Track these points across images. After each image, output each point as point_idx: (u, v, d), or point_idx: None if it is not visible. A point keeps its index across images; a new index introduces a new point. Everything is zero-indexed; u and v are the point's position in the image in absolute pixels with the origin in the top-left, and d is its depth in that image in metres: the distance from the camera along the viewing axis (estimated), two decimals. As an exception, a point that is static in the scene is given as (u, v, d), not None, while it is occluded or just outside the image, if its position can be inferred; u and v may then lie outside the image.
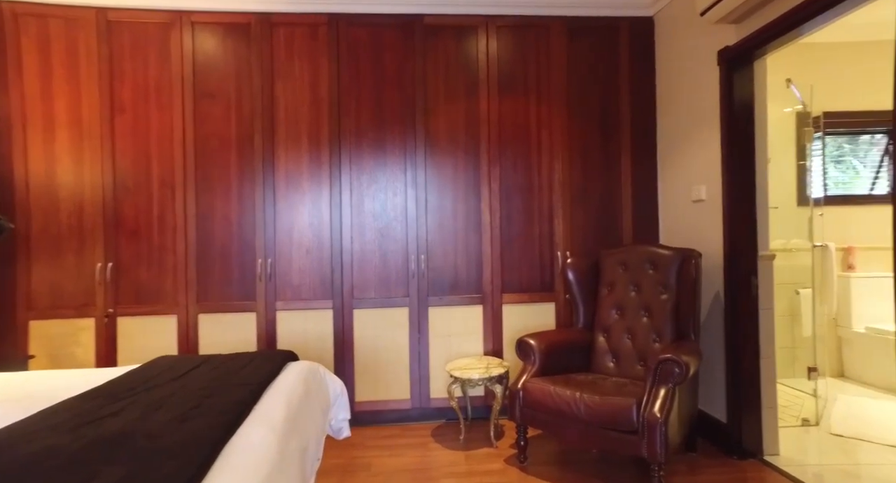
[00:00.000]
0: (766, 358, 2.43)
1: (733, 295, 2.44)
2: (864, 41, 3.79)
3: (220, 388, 1.47)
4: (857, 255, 3.82)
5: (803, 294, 3.48)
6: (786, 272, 3.35)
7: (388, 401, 2.96)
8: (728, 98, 2.45)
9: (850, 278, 3.70)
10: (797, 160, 3.88)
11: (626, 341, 2.57)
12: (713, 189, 2.59)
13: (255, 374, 1.65)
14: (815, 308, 3.23)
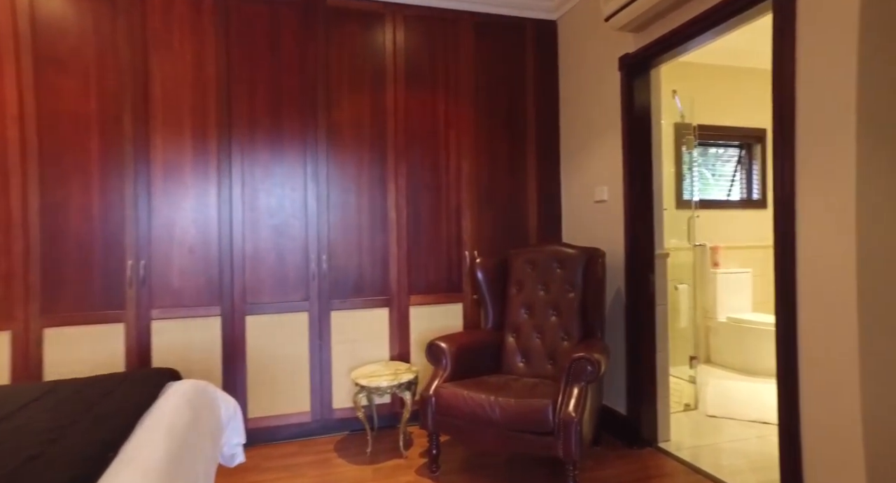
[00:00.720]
0: (661, 351, 2.58)
1: (633, 292, 2.56)
2: (725, 65, 4.25)
3: (71, 427, 1.16)
4: (721, 254, 4.27)
5: (681, 289, 3.81)
6: (668, 269, 3.64)
7: (286, 415, 2.69)
8: (628, 103, 2.56)
9: (716, 274, 4.13)
10: (675, 167, 4.25)
11: (536, 340, 2.59)
12: (615, 190, 2.70)
13: (124, 403, 1.34)
14: (697, 301, 3.53)
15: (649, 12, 2.26)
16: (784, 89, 1.75)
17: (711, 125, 4.24)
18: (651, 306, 2.56)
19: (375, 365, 2.72)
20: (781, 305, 1.78)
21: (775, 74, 1.79)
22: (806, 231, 1.71)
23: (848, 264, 1.58)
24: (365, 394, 2.50)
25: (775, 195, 1.79)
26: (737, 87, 4.34)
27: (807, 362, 1.72)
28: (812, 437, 1.71)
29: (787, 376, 1.77)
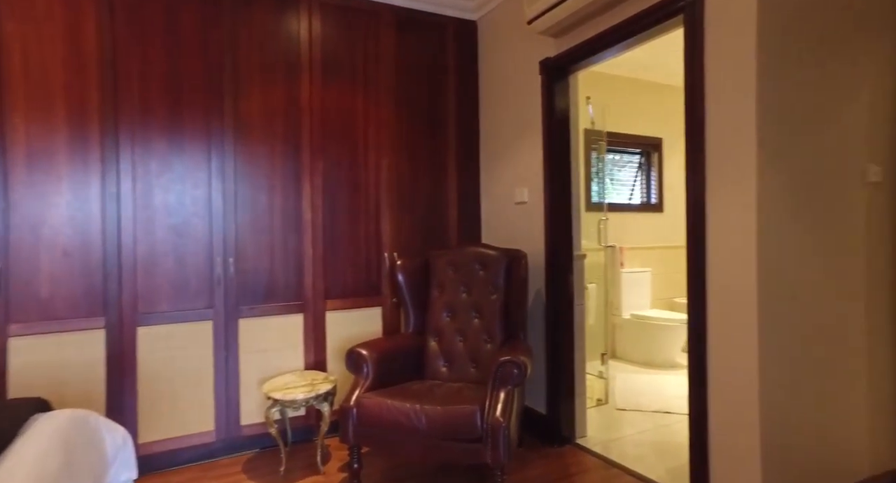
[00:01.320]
0: (578, 349, 2.66)
1: (553, 293, 2.60)
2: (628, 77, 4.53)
3: None
4: (624, 255, 4.54)
5: (591, 288, 3.99)
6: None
7: (186, 436, 2.41)
8: (549, 106, 2.60)
9: (621, 274, 4.39)
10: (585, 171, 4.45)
11: (459, 344, 2.54)
12: (535, 192, 2.73)
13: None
14: (607, 300, 3.71)
15: (571, 18, 2.31)
16: (695, 103, 1.85)
17: (615, 132, 4.49)
18: (570, 306, 2.62)
19: (290, 375, 2.52)
20: (693, 303, 1.88)
21: (687, 89, 1.88)
22: (714, 233, 1.82)
23: (749, 264, 1.70)
24: (279, 408, 2.30)
25: (688, 200, 1.89)
26: (638, 98, 4.64)
27: (714, 355, 1.83)
28: (718, 425, 1.83)
29: (696, 369, 1.87)
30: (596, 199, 4.35)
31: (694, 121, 1.86)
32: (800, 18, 1.78)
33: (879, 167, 2.02)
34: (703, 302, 1.85)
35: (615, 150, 4.68)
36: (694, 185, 1.86)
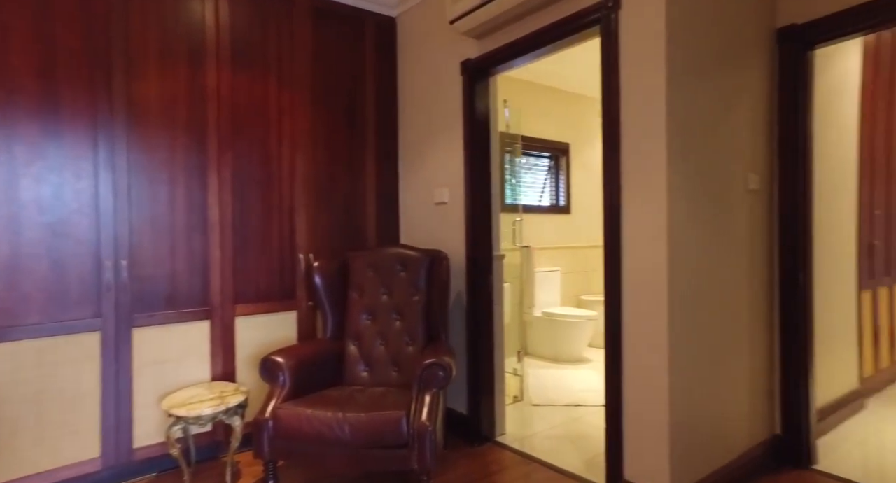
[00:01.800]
0: (497, 348, 2.70)
1: (474, 293, 2.62)
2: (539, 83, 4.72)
3: None
4: (536, 255, 4.72)
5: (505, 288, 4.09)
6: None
7: (63, 468, 2.10)
8: (470, 107, 2.62)
9: (535, 273, 4.55)
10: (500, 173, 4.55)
11: (380, 347, 2.47)
12: (455, 192, 2.73)
13: None
14: (523, 299, 3.81)
15: (493, 21, 2.34)
16: (611, 109, 1.95)
17: (527, 136, 4.65)
18: (490, 306, 2.65)
19: (195, 389, 2.30)
20: (610, 298, 1.97)
21: (604, 96, 1.98)
22: (629, 232, 1.92)
23: (661, 261, 1.82)
24: (182, 425, 2.09)
25: (605, 201, 1.99)
26: (548, 105, 4.85)
27: (629, 347, 1.93)
28: (631, 413, 1.93)
29: (613, 360, 1.97)
30: (509, 200, 4.48)
31: (611, 126, 1.95)
32: (697, 36, 1.94)
33: (757, 176, 2.26)
34: (618, 297, 1.94)
35: (526, 153, 4.85)
36: (611, 187, 1.96)
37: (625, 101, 1.92)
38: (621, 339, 1.95)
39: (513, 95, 4.52)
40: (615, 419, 1.97)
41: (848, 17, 2.08)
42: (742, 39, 2.15)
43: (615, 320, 1.96)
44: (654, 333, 1.84)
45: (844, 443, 2.58)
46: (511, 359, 4.16)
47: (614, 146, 1.94)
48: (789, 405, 2.32)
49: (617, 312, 1.95)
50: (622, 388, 1.96)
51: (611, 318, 1.97)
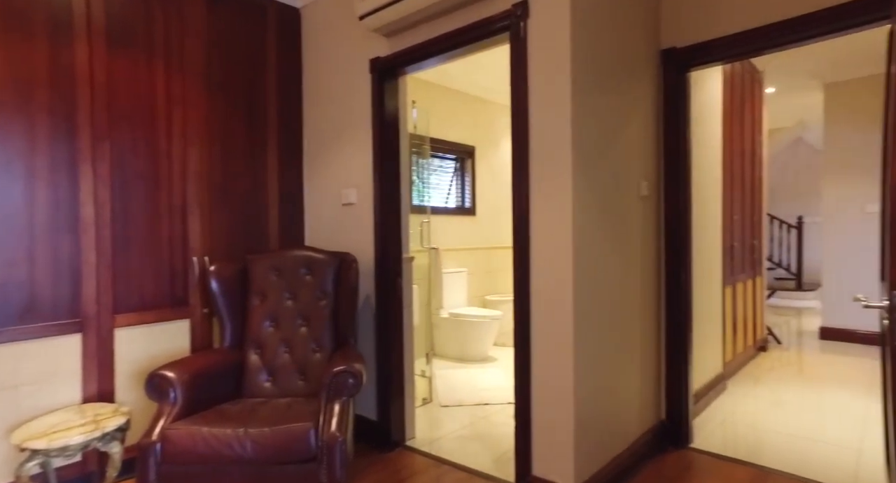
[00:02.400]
0: (407, 352, 2.67)
1: (383, 297, 2.57)
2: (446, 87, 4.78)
3: None
4: (442, 256, 4.77)
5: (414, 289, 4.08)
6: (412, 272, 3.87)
7: None
8: (379, 107, 2.56)
9: (440, 274, 4.59)
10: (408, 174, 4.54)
11: (285, 355, 2.33)
12: (364, 193, 2.66)
13: None
14: (431, 300, 3.82)
15: (403, 21, 2.31)
16: (521, 115, 2.01)
17: (434, 138, 4.69)
18: (400, 309, 2.62)
19: (62, 414, 1.99)
20: (519, 298, 2.03)
21: (514, 102, 2.03)
22: (537, 235, 1.99)
23: (567, 262, 1.90)
24: (39, 460, 1.80)
25: (514, 204, 2.04)
26: (454, 108, 4.92)
27: (538, 345, 2.00)
28: (540, 409, 2.01)
29: (522, 358, 2.03)
30: (417, 201, 4.48)
31: (520, 131, 2.01)
32: (597, 50, 2.07)
33: (648, 183, 2.47)
34: (527, 297, 2.01)
35: (434, 154, 4.88)
36: (520, 191, 2.02)
37: (533, 108, 1.99)
38: (530, 338, 2.02)
39: (421, 97, 4.53)
40: (524, 416, 2.03)
41: (715, 46, 2.34)
42: (635, 58, 2.33)
43: (524, 320, 2.02)
44: (560, 331, 1.93)
45: (711, 421, 2.90)
46: (420, 361, 4.16)
47: (523, 151, 2.00)
48: (672, 392, 2.56)
49: (526, 312, 2.01)
50: (531, 385, 2.02)
51: (520, 317, 2.03)
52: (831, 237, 4.95)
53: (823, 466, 2.33)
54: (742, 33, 2.26)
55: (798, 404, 3.20)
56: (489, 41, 2.17)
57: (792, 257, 7.46)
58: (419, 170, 4.56)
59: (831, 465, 2.34)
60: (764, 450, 2.52)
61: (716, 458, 2.41)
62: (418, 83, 4.50)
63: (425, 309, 4.29)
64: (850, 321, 4.85)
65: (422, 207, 4.45)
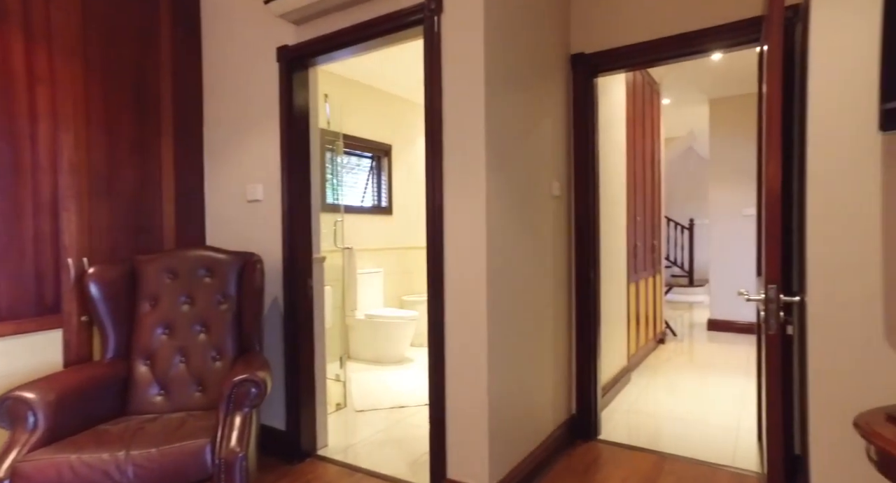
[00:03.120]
0: (319, 356, 2.54)
1: (292, 298, 2.42)
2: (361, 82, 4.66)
3: None
4: (358, 256, 4.64)
5: (327, 291, 3.93)
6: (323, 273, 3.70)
7: None
8: (288, 98, 2.41)
9: (355, 275, 4.45)
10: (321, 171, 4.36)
11: (180, 365, 2.12)
12: (271, 190, 2.49)
13: None
14: (345, 302, 3.68)
15: (311, 7, 2.19)
16: (434, 113, 1.97)
17: (349, 134, 4.55)
18: (310, 312, 2.48)
19: None
20: (433, 299, 1.99)
21: (427, 100, 1.99)
22: (451, 235, 1.96)
23: (480, 262, 1.89)
24: None
25: (428, 204, 2.00)
26: (370, 104, 4.81)
27: (452, 346, 1.97)
28: (454, 413, 1.98)
29: (436, 359, 1.99)
30: (331, 200, 4.31)
31: (434, 128, 1.97)
32: (510, 49, 2.09)
33: (559, 183, 2.54)
34: (441, 298, 1.97)
35: (348, 152, 4.74)
36: (434, 190, 1.98)
37: (447, 105, 1.96)
38: (444, 338, 1.98)
39: (336, 92, 4.37)
40: (438, 418, 1.99)
41: (620, 54, 2.46)
42: (547, 60, 2.39)
43: (439, 320, 1.98)
44: (475, 331, 1.91)
45: (617, 412, 3.06)
46: (333, 364, 4.01)
47: (437, 149, 1.97)
48: (582, 387, 2.65)
49: (440, 312, 1.98)
50: (445, 386, 1.99)
51: (434, 318, 1.99)
52: (716, 238, 5.45)
53: (710, 447, 2.53)
54: (644, 43, 2.39)
55: (690, 391, 3.47)
56: (402, 34, 2.12)
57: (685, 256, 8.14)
58: (333, 167, 4.40)
59: (716, 445, 2.55)
60: (663, 436, 2.69)
61: (621, 448, 2.53)
62: (333, 77, 4.34)
63: (339, 310, 4.15)
64: (732, 313, 5.37)
65: (335, 206, 4.29)
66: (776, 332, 1.46)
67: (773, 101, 1.46)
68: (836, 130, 1.37)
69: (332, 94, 4.29)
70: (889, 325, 1.31)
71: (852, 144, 1.35)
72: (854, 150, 1.35)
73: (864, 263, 1.33)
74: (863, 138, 1.33)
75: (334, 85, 4.37)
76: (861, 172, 1.34)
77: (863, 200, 1.33)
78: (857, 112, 1.34)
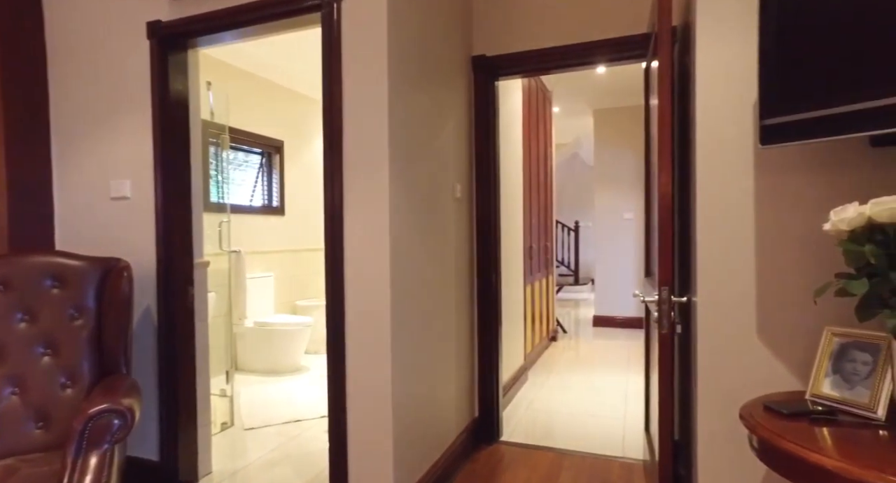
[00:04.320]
0: (201, 371, 2.26)
1: (169, 309, 2.12)
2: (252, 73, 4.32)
3: None
4: (247, 259, 4.28)
5: (211, 298, 3.56)
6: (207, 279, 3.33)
7: None
8: (162, 82, 2.12)
9: (244, 280, 4.10)
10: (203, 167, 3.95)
11: (11, 398, 1.75)
12: (143, 186, 2.17)
13: None
14: (231, 310, 3.36)
15: (191, -19, 1.94)
16: (333, 111, 1.83)
17: (236, 128, 4.19)
18: (191, 323, 2.20)
19: None
20: (332, 307, 1.85)
21: (326, 96, 1.84)
22: (351, 237, 1.84)
23: (383, 267, 1.79)
24: None
25: (326, 207, 1.85)
26: (261, 97, 4.47)
27: (353, 354, 1.85)
28: (356, 421, 1.85)
29: (336, 369, 1.85)
30: (216, 198, 3.93)
31: (333, 125, 1.83)
32: (413, 45, 2.02)
33: (461, 186, 2.52)
34: (341, 302, 1.84)
35: (236, 147, 4.36)
36: (332, 190, 1.84)
37: (347, 100, 1.83)
38: (345, 345, 1.85)
39: (224, 81, 3.99)
40: (339, 432, 1.86)
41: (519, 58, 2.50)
42: (450, 60, 2.35)
43: (338, 326, 1.84)
44: (377, 337, 1.81)
45: (517, 411, 3.12)
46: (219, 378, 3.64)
47: (336, 147, 1.83)
48: (485, 390, 2.65)
49: (340, 319, 1.84)
50: (346, 398, 1.86)
51: (333, 324, 1.85)
52: (600, 239, 5.86)
53: (602, 440, 2.66)
54: (542, 50, 2.45)
55: (581, 386, 3.66)
56: (299, 21, 1.95)
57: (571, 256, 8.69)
58: (219, 163, 4.01)
59: (607, 438, 2.69)
60: (560, 433, 2.79)
61: (523, 449, 2.57)
62: (220, 65, 3.96)
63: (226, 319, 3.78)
64: (614, 309, 5.81)
65: (221, 205, 3.91)
66: (668, 332, 1.54)
67: (665, 114, 1.54)
68: (720, 144, 1.48)
69: (219, 84, 3.90)
70: (760, 323, 1.44)
71: (736, 157, 1.46)
72: (736, 163, 1.46)
73: (743, 267, 1.45)
74: (744, 151, 1.45)
75: (221, 73, 3.99)
76: (741, 183, 1.45)
77: (742, 209, 1.45)
78: (740, 126, 1.46)
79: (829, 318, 1.34)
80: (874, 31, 1.05)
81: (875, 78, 1.07)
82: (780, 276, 1.42)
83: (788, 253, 1.41)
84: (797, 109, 1.16)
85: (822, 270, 1.36)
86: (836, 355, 1.20)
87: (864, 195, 1.30)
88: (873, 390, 1.11)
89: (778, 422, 1.11)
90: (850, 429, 1.07)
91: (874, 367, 1.13)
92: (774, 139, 1.20)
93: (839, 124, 1.11)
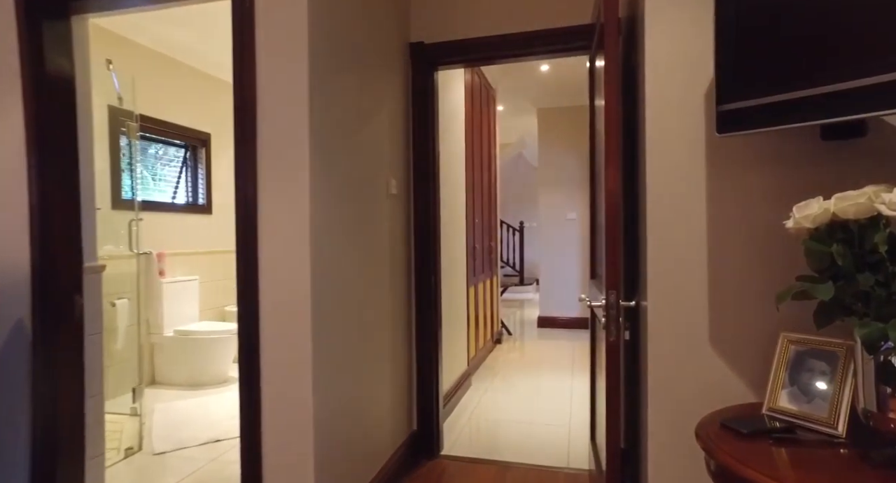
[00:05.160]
0: (94, 395, 1.94)
1: (48, 323, 1.80)
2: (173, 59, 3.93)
3: None
4: (166, 262, 3.89)
5: (120, 305, 3.17)
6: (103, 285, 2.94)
7: None
8: (36, 55, 1.78)
9: (161, 284, 3.71)
10: (111, 159, 3.54)
11: None
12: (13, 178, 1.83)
13: None
14: (140, 319, 3.00)
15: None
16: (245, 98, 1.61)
17: (155, 119, 3.79)
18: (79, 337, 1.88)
19: None
20: (244, 310, 1.61)
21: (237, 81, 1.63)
22: (267, 236, 1.61)
23: (304, 267, 1.58)
24: None
25: (237, 201, 1.62)
26: (183, 85, 4.09)
27: (268, 364, 1.62)
28: (272, 447, 1.63)
29: (248, 382, 1.62)
30: (129, 195, 3.53)
31: (245, 111, 1.61)
32: (339, 26, 1.81)
33: (397, 181, 2.33)
34: (255, 308, 1.61)
35: (158, 140, 3.96)
36: (244, 187, 1.61)
37: (262, 81, 1.61)
38: (259, 354, 1.62)
39: (138, 64, 3.59)
40: (253, 453, 1.62)
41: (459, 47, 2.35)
42: (384, 45, 2.15)
43: (251, 334, 1.61)
44: (296, 346, 1.59)
45: (459, 421, 2.97)
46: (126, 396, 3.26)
47: (249, 134, 1.60)
48: (424, 401, 2.47)
49: (253, 326, 1.61)
50: (261, 413, 1.62)
51: (246, 332, 1.61)
52: (544, 240, 5.83)
53: (546, 451, 2.55)
54: (482, 38, 2.30)
55: (525, 391, 3.56)
56: (205, -12, 1.69)
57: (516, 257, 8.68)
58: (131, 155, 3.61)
59: (552, 446, 2.59)
60: (503, 443, 2.65)
61: (465, 462, 2.41)
62: (135, 47, 3.56)
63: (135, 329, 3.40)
64: (558, 310, 5.79)
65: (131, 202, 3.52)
66: (616, 339, 1.42)
67: (612, 101, 1.42)
68: (671, 137, 1.37)
69: (132, 67, 3.50)
70: (713, 329, 1.34)
71: (687, 151, 1.36)
72: (688, 158, 1.36)
73: (695, 268, 1.35)
74: (696, 145, 1.34)
75: (136, 56, 3.59)
76: (693, 178, 1.35)
77: (695, 206, 1.35)
78: (692, 117, 1.35)
79: (788, 324, 1.25)
80: (838, 7, 0.96)
81: (828, 61, 0.97)
82: (734, 277, 1.32)
83: (743, 253, 1.32)
84: (756, 93, 1.05)
85: (779, 271, 1.28)
86: (793, 364, 1.11)
87: (820, 192, 1.23)
88: (832, 404, 1.02)
89: (737, 443, 1.00)
90: (811, 449, 0.97)
91: (832, 378, 1.04)
92: (731, 127, 1.09)
93: (798, 111, 1.01)
